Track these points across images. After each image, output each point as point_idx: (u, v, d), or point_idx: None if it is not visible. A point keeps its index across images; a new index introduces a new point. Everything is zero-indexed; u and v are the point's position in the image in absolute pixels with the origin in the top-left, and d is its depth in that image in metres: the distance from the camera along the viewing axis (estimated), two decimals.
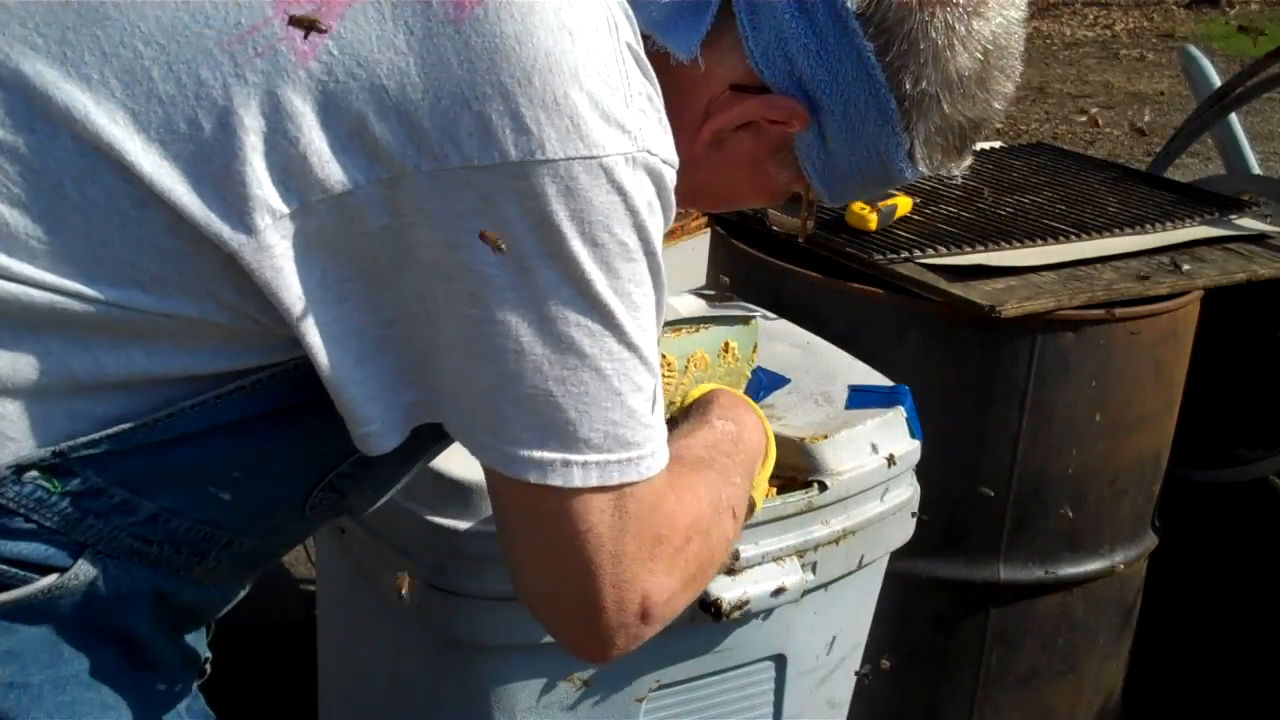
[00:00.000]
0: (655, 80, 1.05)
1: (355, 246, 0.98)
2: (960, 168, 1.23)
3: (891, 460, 1.67)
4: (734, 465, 1.26)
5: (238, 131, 0.96)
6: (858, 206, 2.29)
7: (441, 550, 1.47)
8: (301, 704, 1.96)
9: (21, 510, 1.00)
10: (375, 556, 1.57)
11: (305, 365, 1.03)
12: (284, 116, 0.96)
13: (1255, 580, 2.68)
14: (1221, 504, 2.67)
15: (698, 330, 1.55)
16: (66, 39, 0.99)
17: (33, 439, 1.00)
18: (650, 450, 1.05)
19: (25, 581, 1.02)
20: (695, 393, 1.40)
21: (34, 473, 0.99)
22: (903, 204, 2.36)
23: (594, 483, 1.02)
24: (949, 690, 2.34)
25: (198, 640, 1.20)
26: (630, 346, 1.02)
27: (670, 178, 1.02)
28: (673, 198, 1.03)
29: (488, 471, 1.06)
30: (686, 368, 1.53)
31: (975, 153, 1.24)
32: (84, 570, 1.03)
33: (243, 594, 1.21)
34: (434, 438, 1.11)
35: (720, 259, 2.39)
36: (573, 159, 0.96)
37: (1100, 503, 2.29)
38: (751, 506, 1.32)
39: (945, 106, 1.15)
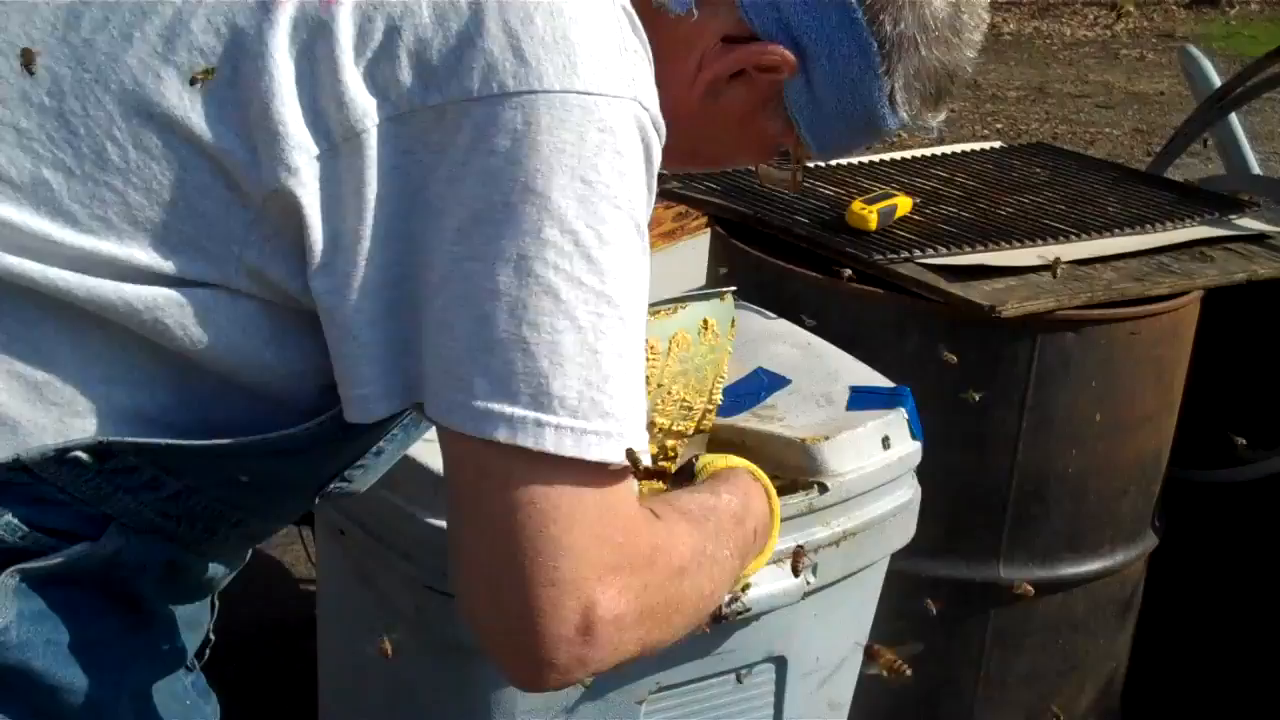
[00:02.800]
0: (647, 41, 1.08)
1: (373, 192, 1.00)
2: (937, 120, 1.29)
3: (892, 460, 1.67)
4: (728, 536, 1.20)
5: (274, 75, 1.00)
6: (858, 206, 2.29)
7: (441, 552, 1.47)
8: (301, 704, 1.96)
9: (57, 484, 1.04)
10: (375, 557, 1.57)
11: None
12: (313, 60, 1.00)
13: (1255, 580, 2.67)
14: (1221, 504, 2.67)
15: (675, 311, 1.55)
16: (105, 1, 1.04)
17: (74, 425, 1.03)
18: (628, 432, 1.00)
19: (57, 549, 1.05)
20: (719, 464, 1.34)
21: (77, 453, 1.03)
22: (903, 204, 2.36)
23: (566, 450, 0.97)
24: (949, 690, 2.34)
25: (201, 610, 1.24)
26: (609, 301, 0.99)
27: (657, 138, 1.04)
28: (658, 157, 1.05)
29: (451, 441, 1.01)
30: (670, 349, 1.53)
31: (949, 108, 1.30)
32: (111, 541, 1.07)
33: (240, 566, 1.24)
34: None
35: (720, 259, 2.39)
36: (568, 91, 0.99)
37: (1100, 503, 2.29)
38: (738, 584, 1.28)
39: (922, 49, 1.22)
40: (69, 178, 1.02)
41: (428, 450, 1.51)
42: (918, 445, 1.72)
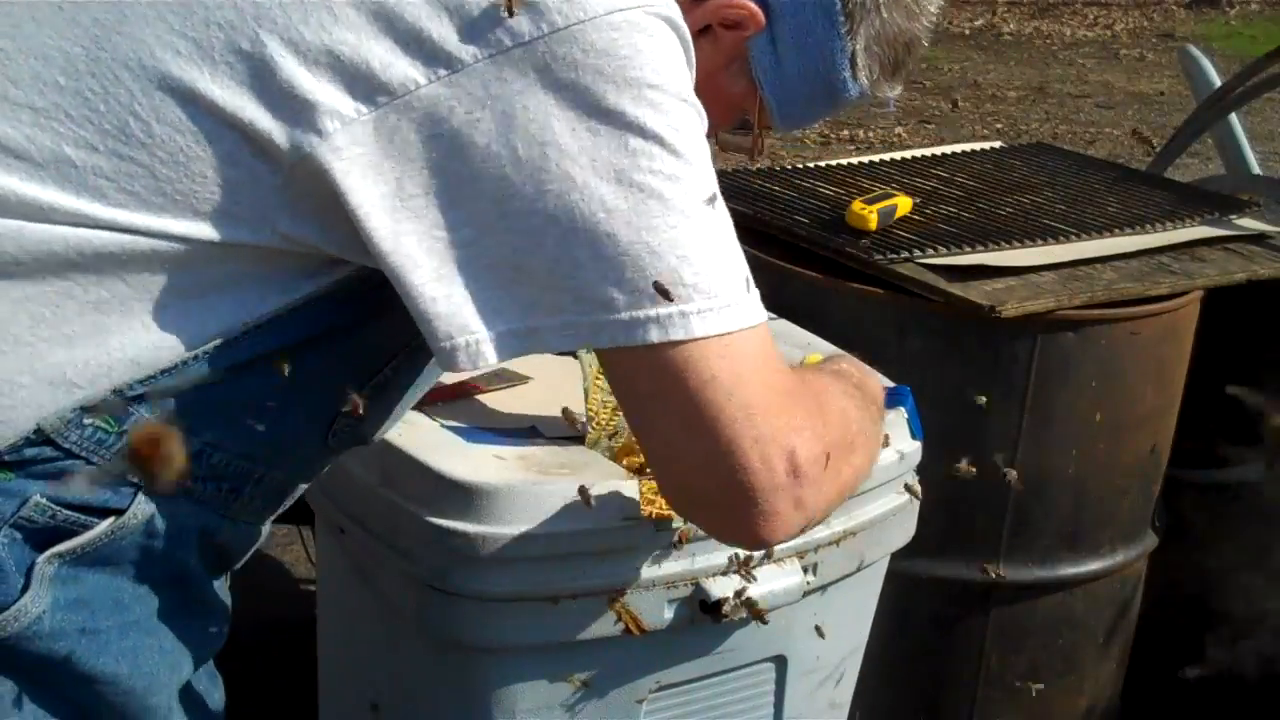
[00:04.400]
0: None
1: (427, 156, 1.03)
2: (894, 93, 1.33)
3: (892, 460, 1.67)
4: (860, 390, 1.29)
5: (299, 45, 1.02)
6: (858, 206, 2.29)
7: (441, 552, 1.47)
8: (301, 704, 1.95)
9: (83, 453, 1.05)
10: (375, 557, 1.57)
11: (338, 290, 1.08)
12: (344, 27, 1.03)
13: (1255, 580, 2.67)
14: (1221, 504, 2.67)
15: None
16: None
17: (96, 383, 1.05)
18: (750, 290, 1.09)
19: (87, 527, 1.06)
20: (813, 358, 1.42)
21: (95, 414, 1.04)
22: (903, 204, 2.36)
23: (717, 329, 1.05)
24: (949, 690, 2.34)
25: (223, 591, 1.25)
26: (702, 185, 1.07)
27: (686, 31, 1.10)
28: (693, 48, 1.11)
29: (614, 360, 1.08)
30: None
31: (906, 82, 1.36)
32: (140, 510, 1.08)
33: (260, 541, 1.26)
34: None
35: None
36: (611, 12, 1.04)
37: (1100, 503, 2.29)
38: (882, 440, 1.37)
39: (884, 11, 1.27)
40: (92, 154, 1.04)
41: (427, 450, 1.52)
42: (918, 445, 1.73)
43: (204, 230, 1.04)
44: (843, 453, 1.17)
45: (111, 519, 1.07)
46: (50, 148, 1.03)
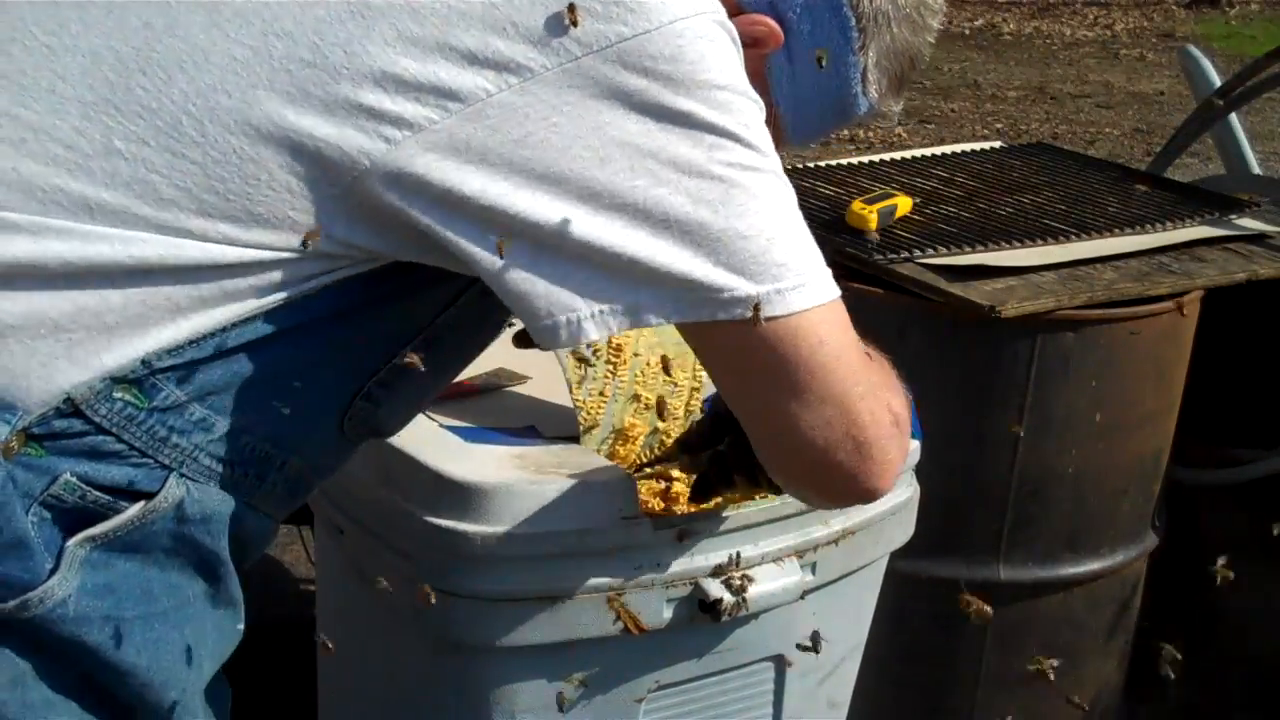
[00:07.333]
0: None
1: (508, 158, 1.05)
2: (896, 107, 1.37)
3: None
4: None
5: (362, 58, 1.04)
6: (858, 206, 2.29)
7: (441, 552, 1.47)
8: (301, 704, 1.95)
9: (113, 429, 1.06)
10: (375, 557, 1.57)
11: (359, 272, 1.10)
12: (408, 42, 1.05)
13: (1255, 580, 2.67)
14: (1221, 504, 2.66)
15: None
16: None
17: (124, 358, 1.06)
18: (829, 274, 1.15)
19: (117, 510, 1.07)
20: None
21: (124, 387, 1.05)
22: (903, 204, 2.36)
23: (809, 303, 1.11)
24: (949, 690, 2.34)
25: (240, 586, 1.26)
26: (775, 172, 1.12)
27: (736, 34, 1.14)
28: (741, 51, 1.15)
29: (711, 337, 1.13)
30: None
31: (907, 97, 1.40)
32: (172, 493, 1.09)
33: (274, 536, 1.27)
34: (458, 355, 1.23)
35: None
36: (674, 21, 1.08)
37: (1100, 503, 2.29)
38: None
39: (894, 26, 1.30)
40: (143, 147, 1.05)
41: (427, 450, 1.52)
42: (917, 445, 1.72)
43: (255, 234, 1.06)
44: (903, 405, 1.24)
45: (142, 503, 1.08)
46: (100, 140, 1.04)
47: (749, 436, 1.21)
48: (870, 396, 1.16)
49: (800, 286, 1.11)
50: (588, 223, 1.07)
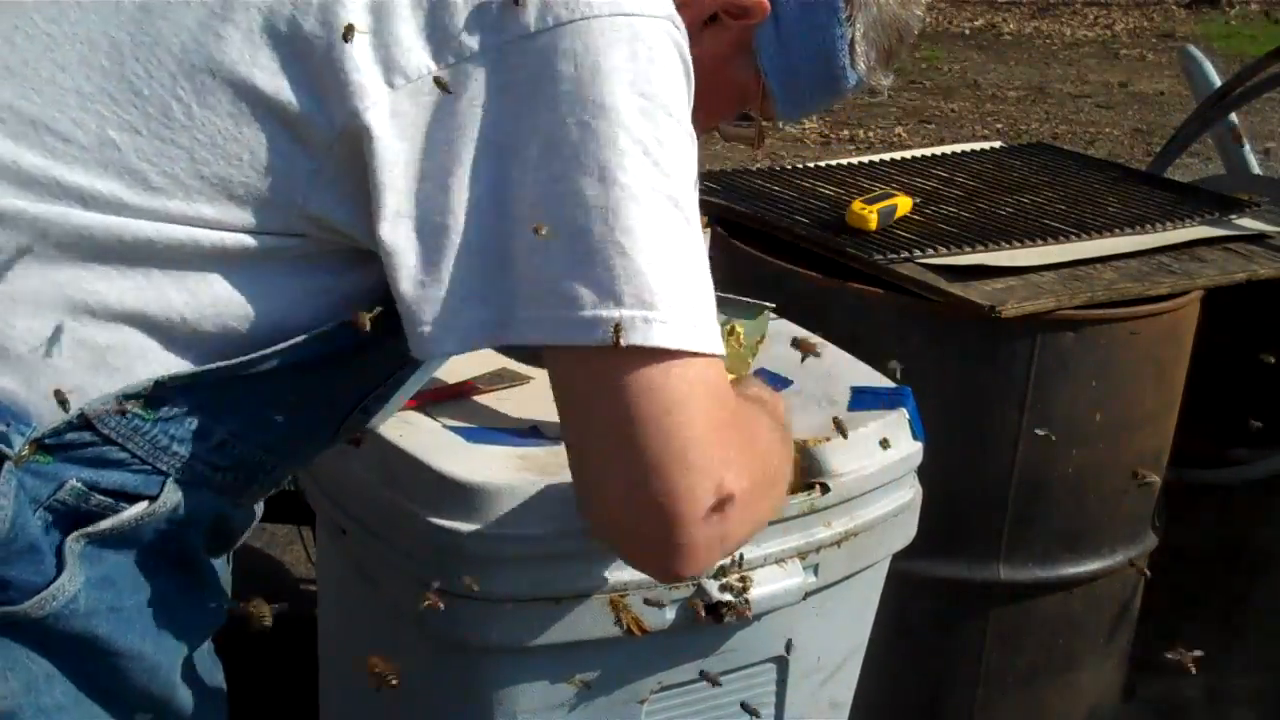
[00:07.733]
0: None
1: (430, 140, 1.05)
2: (886, 81, 1.35)
3: (893, 460, 1.67)
4: (775, 419, 1.29)
5: (334, 26, 1.05)
6: (858, 206, 2.29)
7: (443, 552, 1.47)
8: (301, 704, 1.96)
9: (119, 439, 1.08)
10: (375, 557, 1.57)
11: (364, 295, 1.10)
12: (385, 13, 1.05)
13: (1255, 580, 2.67)
14: (1221, 504, 2.67)
15: None
16: None
17: (133, 368, 1.07)
18: (714, 322, 1.07)
19: (117, 511, 1.09)
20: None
21: (136, 403, 1.07)
22: (903, 204, 2.36)
23: (675, 343, 1.03)
24: (949, 690, 2.34)
25: (223, 570, 1.29)
26: (678, 203, 1.06)
27: (688, 53, 1.11)
28: (691, 69, 1.11)
29: (562, 359, 1.06)
30: None
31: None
32: (169, 498, 1.11)
33: (253, 524, 1.29)
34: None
35: (721, 259, 2.39)
36: (616, 15, 1.05)
37: (1100, 503, 2.29)
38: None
39: None
40: (135, 136, 1.06)
41: (429, 450, 1.52)
42: (919, 445, 1.72)
43: (236, 215, 1.07)
44: (765, 488, 1.15)
45: (144, 504, 1.10)
46: (96, 131, 1.06)
47: (570, 466, 1.12)
48: (698, 471, 1.04)
49: (666, 323, 1.03)
50: (481, 221, 1.05)
